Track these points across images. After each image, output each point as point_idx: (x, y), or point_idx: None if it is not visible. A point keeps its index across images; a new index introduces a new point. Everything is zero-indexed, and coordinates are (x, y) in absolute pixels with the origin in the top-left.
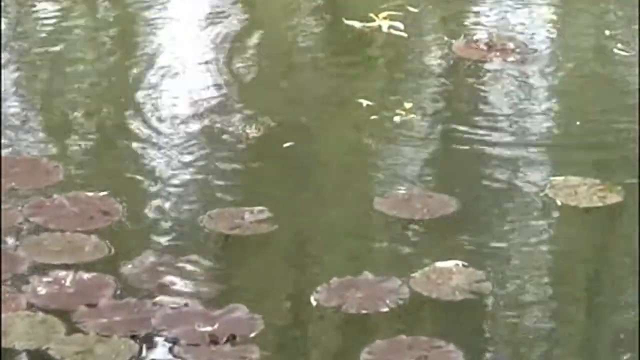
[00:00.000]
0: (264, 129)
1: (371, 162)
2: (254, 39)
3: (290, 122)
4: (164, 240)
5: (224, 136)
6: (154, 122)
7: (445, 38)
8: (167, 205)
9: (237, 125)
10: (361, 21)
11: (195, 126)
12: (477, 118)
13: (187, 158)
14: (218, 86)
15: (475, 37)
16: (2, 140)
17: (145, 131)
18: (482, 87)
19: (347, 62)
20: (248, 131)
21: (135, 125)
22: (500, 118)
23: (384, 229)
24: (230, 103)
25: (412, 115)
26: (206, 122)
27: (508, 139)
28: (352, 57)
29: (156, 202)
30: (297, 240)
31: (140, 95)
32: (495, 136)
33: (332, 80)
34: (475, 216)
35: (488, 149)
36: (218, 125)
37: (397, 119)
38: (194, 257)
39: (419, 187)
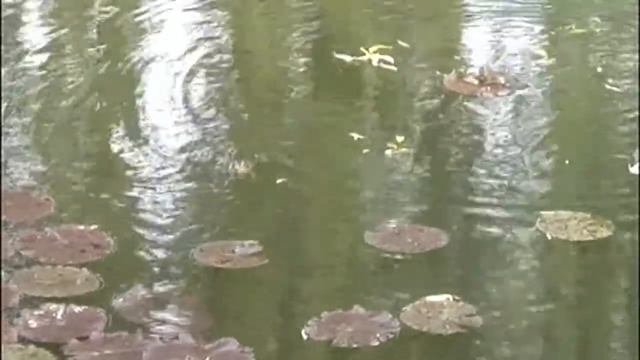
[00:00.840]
0: (253, 165)
1: (362, 196)
2: (242, 72)
3: (280, 156)
4: (154, 273)
5: (214, 171)
6: (144, 156)
7: (436, 72)
8: (157, 238)
9: (226, 161)
10: (352, 55)
11: (185, 160)
12: (468, 152)
13: (178, 192)
14: (206, 120)
15: (465, 71)
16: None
17: (135, 165)
18: (473, 122)
19: (337, 96)
20: (237, 167)
21: (125, 158)
22: (491, 153)
23: (375, 262)
24: (219, 138)
25: (404, 149)
26: (196, 156)
27: (498, 173)
28: (342, 91)
29: (147, 235)
30: (287, 273)
31: (130, 128)
32: (485, 171)
33: (322, 114)
34: (465, 250)
35: (479, 183)
36: (208, 160)
37: (388, 152)
38: (185, 290)
39: (409, 221)
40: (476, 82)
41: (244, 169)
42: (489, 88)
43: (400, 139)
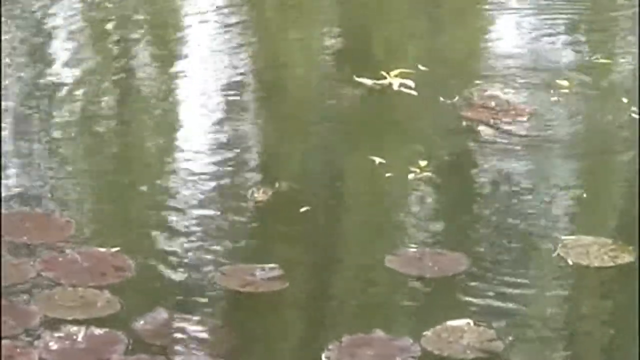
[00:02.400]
0: (272, 192)
1: (383, 220)
2: (259, 99)
3: (300, 181)
4: (176, 296)
5: (235, 197)
6: (165, 178)
7: (457, 98)
8: (178, 261)
9: (245, 189)
10: (372, 78)
11: (208, 184)
12: (490, 178)
13: (200, 215)
14: (226, 145)
15: (487, 98)
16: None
17: (156, 188)
18: (494, 148)
19: (357, 120)
20: (256, 195)
21: (146, 181)
22: (513, 178)
23: (396, 286)
24: (240, 164)
25: (426, 173)
26: (219, 180)
27: (520, 198)
28: (363, 115)
29: (168, 258)
30: (308, 297)
31: (150, 151)
32: (508, 197)
33: (342, 138)
34: (486, 275)
35: (500, 208)
36: (228, 185)
37: (411, 176)
38: (206, 313)
39: (431, 245)
40: (497, 109)
41: (263, 196)
42: (511, 116)
43: (423, 163)
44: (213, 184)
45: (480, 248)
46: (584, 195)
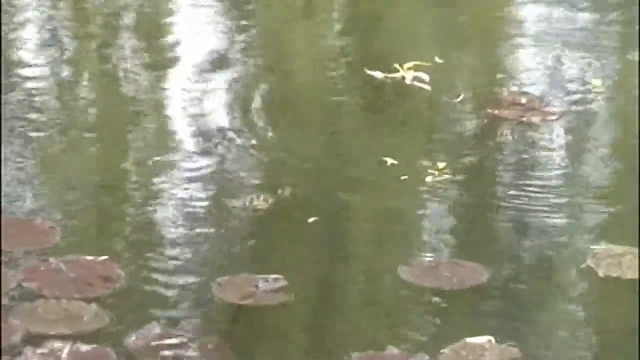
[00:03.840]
0: (274, 200)
1: (397, 227)
2: (264, 92)
3: (305, 185)
4: (169, 310)
5: (236, 204)
6: (158, 182)
7: (477, 92)
8: (173, 272)
9: (244, 195)
10: (383, 71)
11: (204, 189)
12: (514, 182)
13: (196, 222)
14: (227, 145)
15: (511, 93)
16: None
17: (149, 191)
18: (520, 149)
19: (368, 118)
20: (255, 203)
21: (138, 185)
22: (539, 183)
23: (410, 299)
24: (240, 167)
25: (445, 176)
26: (216, 185)
27: (548, 205)
28: (373, 112)
29: (161, 268)
30: (315, 311)
31: (142, 152)
32: (533, 202)
33: (351, 137)
34: (509, 287)
35: (525, 216)
36: (226, 191)
37: (429, 179)
38: (203, 328)
39: (448, 254)
40: (522, 106)
41: (263, 204)
42: (536, 113)
43: (441, 165)
44: (210, 189)
45: (503, 258)
46: (617, 203)
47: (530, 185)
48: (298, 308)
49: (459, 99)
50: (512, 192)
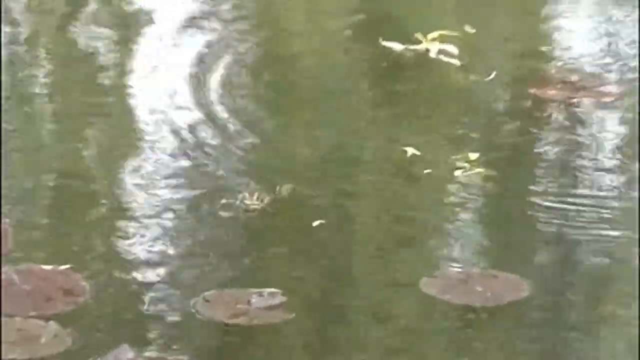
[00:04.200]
0: (270, 199)
1: (419, 231)
2: (266, 69)
3: (308, 182)
4: (145, 330)
5: (221, 203)
6: (130, 178)
7: (515, 68)
8: (148, 284)
9: (233, 194)
10: (403, 43)
11: (186, 186)
12: (560, 176)
13: (177, 226)
14: (217, 132)
15: (558, 69)
16: None
17: (120, 189)
18: (567, 137)
19: (384, 99)
20: (247, 202)
21: (106, 182)
22: (588, 176)
23: (434, 319)
24: (225, 161)
25: (478, 169)
26: (201, 182)
27: (597, 203)
28: (390, 92)
29: (134, 279)
30: (319, 332)
31: (110, 143)
32: (580, 200)
33: (365, 123)
34: (554, 304)
35: (572, 215)
36: (213, 188)
37: (458, 173)
38: (184, 352)
39: (481, 264)
40: (572, 85)
41: (257, 203)
42: (589, 93)
43: (473, 156)
44: (191, 185)
45: (547, 269)
46: None
47: (577, 180)
48: (299, 328)
49: (491, 77)
50: (557, 190)
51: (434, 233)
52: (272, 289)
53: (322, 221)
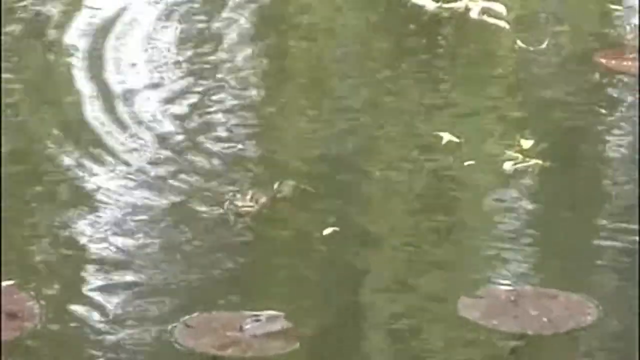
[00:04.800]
0: (267, 200)
1: (456, 238)
2: (268, 37)
3: (315, 178)
4: None
5: (209, 206)
6: (94, 176)
7: (578, 33)
8: (114, 304)
9: (221, 194)
10: (437, 0)
11: (165, 185)
12: (634, 168)
13: (151, 233)
14: (205, 119)
15: (632, 35)
16: None
17: (80, 190)
18: None
19: (412, 68)
20: (239, 203)
21: (63, 180)
22: None
23: (475, 347)
24: (210, 155)
25: (534, 161)
26: (183, 179)
27: None
28: (421, 61)
29: (97, 299)
30: None
31: (72, 130)
32: None
33: (386, 102)
34: (629, 330)
35: None
36: (197, 187)
37: (508, 165)
38: None
39: (535, 281)
40: None
41: (250, 205)
42: None
43: (526, 143)
44: (171, 185)
45: (618, 287)
46: None
47: None
48: None
49: (544, 44)
50: (630, 186)
51: (475, 241)
52: (272, 312)
53: (335, 229)
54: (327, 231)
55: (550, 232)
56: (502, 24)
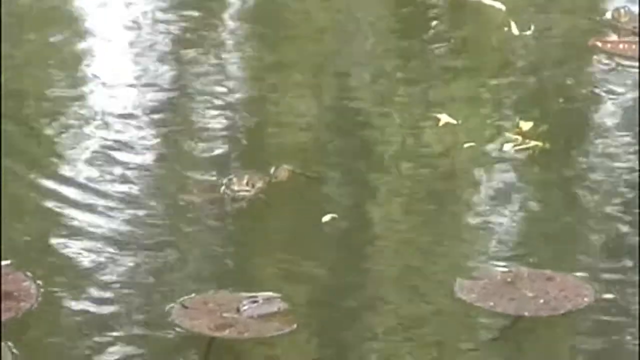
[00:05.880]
0: (263, 184)
1: (455, 220)
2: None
3: (312, 161)
4: (105, 343)
5: (203, 189)
6: (87, 158)
7: (575, 19)
8: (111, 286)
9: (217, 177)
10: None
11: (157, 168)
12: (629, 153)
13: (144, 216)
14: (192, 107)
15: (628, 16)
16: None
17: (75, 172)
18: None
19: (413, 53)
20: (235, 187)
21: (65, 161)
22: None
23: (472, 331)
24: (205, 137)
25: (534, 143)
26: (175, 162)
27: None
28: (421, 45)
29: (93, 280)
30: (328, 348)
31: (60, 114)
32: None
33: (389, 83)
34: (626, 312)
35: None
36: (190, 169)
37: (508, 147)
38: None
39: (531, 263)
40: None
41: (247, 190)
42: None
43: (526, 125)
44: (166, 165)
45: (616, 267)
46: None
47: None
48: (303, 343)
49: (541, 29)
50: (629, 166)
51: (473, 223)
52: (269, 293)
53: (334, 215)
54: (326, 218)
55: (550, 211)
56: (499, 5)
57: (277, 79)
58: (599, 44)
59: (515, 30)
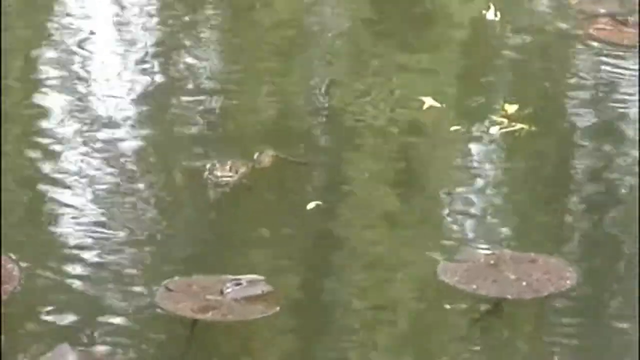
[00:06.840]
0: (246, 170)
1: (439, 203)
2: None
3: (296, 146)
4: (89, 325)
5: (186, 174)
6: (71, 143)
7: (568, 7)
8: (95, 268)
9: (200, 163)
10: None
11: (139, 153)
12: (615, 132)
13: (132, 198)
14: (173, 92)
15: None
16: None
17: (58, 155)
18: (626, 86)
19: (396, 35)
20: (218, 173)
21: (40, 145)
22: None
23: (454, 314)
24: (188, 123)
25: (520, 126)
26: (158, 148)
27: None
28: (405, 26)
29: (78, 262)
30: (311, 330)
31: (63, 92)
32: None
33: (363, 63)
34: (607, 294)
35: (630, 183)
36: (173, 154)
37: (494, 130)
38: (138, 355)
39: (514, 245)
40: (632, 27)
41: (230, 175)
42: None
43: (511, 108)
44: (150, 151)
45: (599, 251)
46: None
47: (635, 138)
48: (286, 325)
49: (513, 16)
50: (610, 148)
51: (455, 205)
52: (253, 276)
53: (319, 202)
54: (311, 205)
55: (534, 194)
56: None
57: (258, 65)
58: (594, 32)
59: (499, 14)
